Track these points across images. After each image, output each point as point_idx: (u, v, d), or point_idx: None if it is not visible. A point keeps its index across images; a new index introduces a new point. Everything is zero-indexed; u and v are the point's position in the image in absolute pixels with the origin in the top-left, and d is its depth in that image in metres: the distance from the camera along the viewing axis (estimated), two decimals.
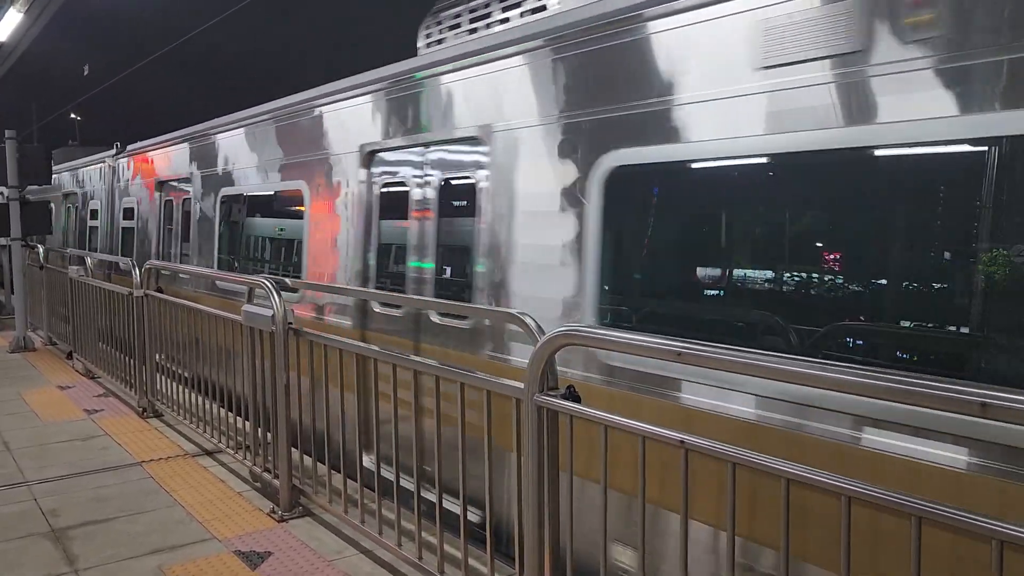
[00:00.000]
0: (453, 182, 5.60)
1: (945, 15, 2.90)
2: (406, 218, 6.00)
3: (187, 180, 10.43)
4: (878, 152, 3.13)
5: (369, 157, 6.44)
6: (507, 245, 4.90)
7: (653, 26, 3.98)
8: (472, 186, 5.30)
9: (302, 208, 7.35)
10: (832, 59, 3.22)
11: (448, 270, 5.72)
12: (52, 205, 18.44)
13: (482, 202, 5.17)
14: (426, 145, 5.82)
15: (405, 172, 6.08)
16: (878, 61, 3.09)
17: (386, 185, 6.28)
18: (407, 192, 6.02)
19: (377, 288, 6.32)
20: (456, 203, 5.62)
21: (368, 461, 4.95)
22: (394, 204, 6.18)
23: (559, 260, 4.48)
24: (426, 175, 5.83)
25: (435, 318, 5.52)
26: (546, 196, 4.59)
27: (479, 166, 5.24)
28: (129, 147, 13.51)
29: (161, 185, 11.52)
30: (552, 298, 4.52)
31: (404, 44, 6.89)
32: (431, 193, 5.79)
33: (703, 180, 3.88)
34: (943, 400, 2.03)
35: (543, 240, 4.60)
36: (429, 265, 5.78)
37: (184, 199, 10.67)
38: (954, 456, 2.81)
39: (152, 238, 11.84)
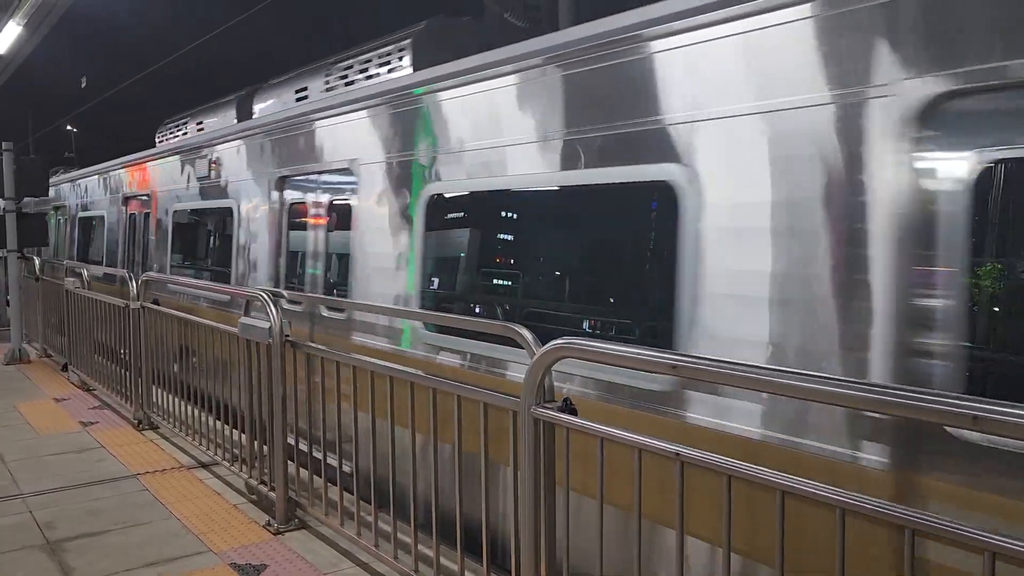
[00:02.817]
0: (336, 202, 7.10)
1: None
2: (305, 229, 7.47)
3: (148, 196, 11.90)
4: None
5: (280, 181, 7.83)
6: (364, 251, 6.41)
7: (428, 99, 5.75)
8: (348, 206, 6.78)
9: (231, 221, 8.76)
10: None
11: (334, 270, 7.26)
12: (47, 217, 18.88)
13: (352, 218, 6.58)
14: (318, 173, 7.22)
15: (305, 193, 7.57)
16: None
17: (292, 203, 7.76)
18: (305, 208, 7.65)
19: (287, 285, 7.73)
20: (337, 218, 7.16)
21: (364, 473, 4.94)
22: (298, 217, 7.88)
23: (396, 263, 6.00)
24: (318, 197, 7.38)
25: (325, 312, 6.80)
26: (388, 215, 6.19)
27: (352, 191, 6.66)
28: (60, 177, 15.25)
29: (127, 199, 12.99)
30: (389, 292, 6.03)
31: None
32: (323, 210, 7.28)
33: (474, 205, 5.48)
34: (935, 413, 2.05)
35: (385, 248, 6.11)
36: (318, 271, 7.22)
37: (145, 213, 12.07)
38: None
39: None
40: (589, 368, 4.15)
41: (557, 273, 4.94)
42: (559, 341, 3.16)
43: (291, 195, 7.69)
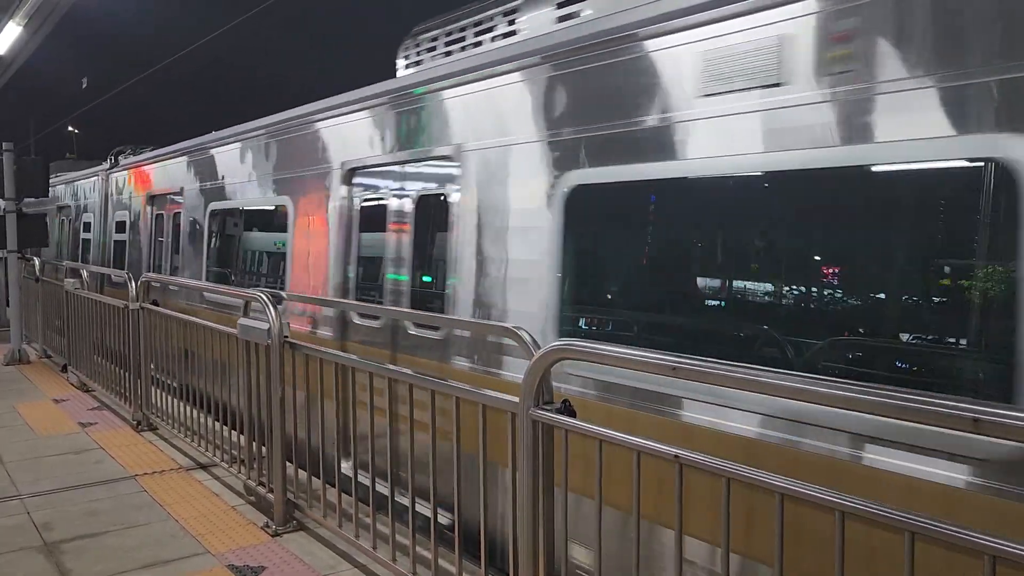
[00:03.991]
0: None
1: None
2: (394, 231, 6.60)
3: (179, 193, 10.67)
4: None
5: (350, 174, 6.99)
6: (487, 258, 5.99)
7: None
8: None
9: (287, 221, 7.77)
10: None
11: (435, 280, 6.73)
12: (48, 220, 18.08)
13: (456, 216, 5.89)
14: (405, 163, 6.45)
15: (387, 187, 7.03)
16: None
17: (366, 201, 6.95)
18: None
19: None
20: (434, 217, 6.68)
21: (362, 475, 4.94)
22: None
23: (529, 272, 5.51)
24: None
25: (413, 330, 6.44)
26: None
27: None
28: (123, 161, 13.47)
29: (153, 199, 11.81)
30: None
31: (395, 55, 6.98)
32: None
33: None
34: (937, 415, 2.04)
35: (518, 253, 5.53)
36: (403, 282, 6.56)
37: (175, 212, 10.90)
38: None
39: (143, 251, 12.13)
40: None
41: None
42: (557, 343, 3.15)
43: (365, 188, 6.67)
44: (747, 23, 3.61)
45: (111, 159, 14.18)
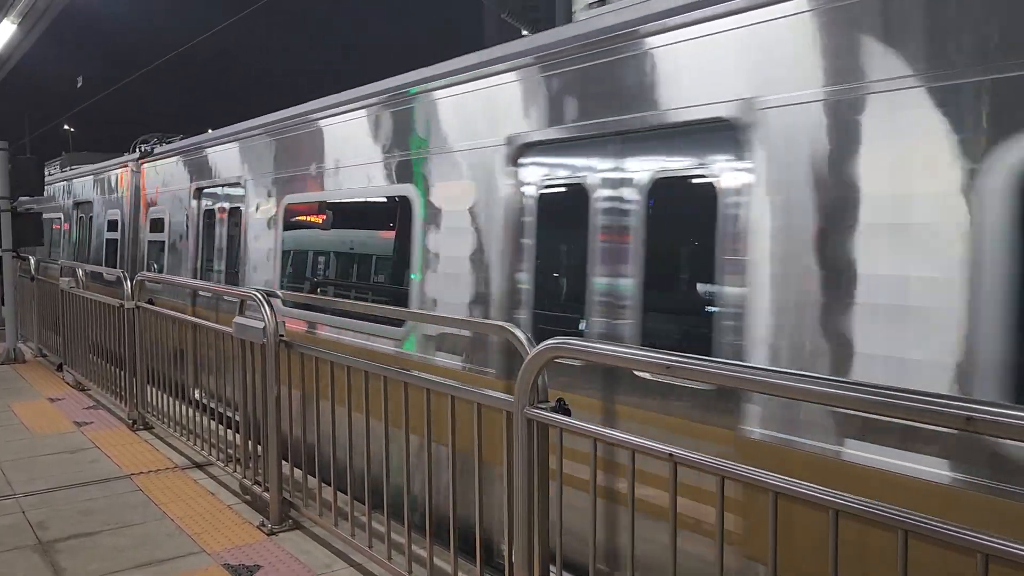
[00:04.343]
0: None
1: None
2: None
3: (238, 185, 8.77)
4: None
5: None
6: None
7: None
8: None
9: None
10: None
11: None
12: (62, 216, 16.63)
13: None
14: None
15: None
16: None
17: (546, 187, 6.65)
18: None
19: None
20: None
21: (358, 474, 4.93)
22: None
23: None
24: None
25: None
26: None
27: None
28: (158, 149, 11.80)
29: (199, 192, 9.92)
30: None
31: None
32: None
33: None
34: (928, 413, 2.04)
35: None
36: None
37: (234, 208, 9.06)
38: None
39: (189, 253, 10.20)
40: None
41: None
42: (551, 341, 3.14)
43: (548, 169, 4.92)
44: None
45: (139, 148, 12.68)
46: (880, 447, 3.13)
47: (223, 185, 9.23)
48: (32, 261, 12.10)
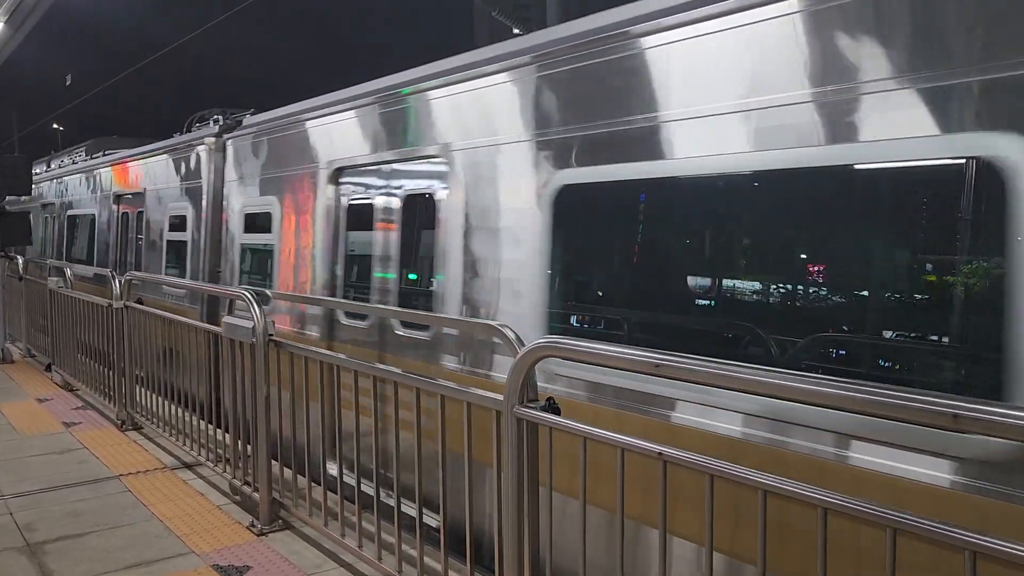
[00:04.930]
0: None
1: None
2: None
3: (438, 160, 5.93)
4: None
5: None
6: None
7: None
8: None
9: None
10: None
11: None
12: (96, 213, 13.52)
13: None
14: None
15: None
16: None
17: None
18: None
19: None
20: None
21: (348, 474, 4.93)
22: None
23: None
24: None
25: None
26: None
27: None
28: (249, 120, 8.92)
29: (339, 172, 7.05)
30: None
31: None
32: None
33: None
34: (916, 412, 2.04)
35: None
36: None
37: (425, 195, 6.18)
38: None
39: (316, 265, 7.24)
40: None
41: None
42: (541, 340, 3.14)
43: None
44: None
45: (195, 127, 10.44)
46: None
47: (396, 161, 6.33)
48: (20, 261, 12.03)
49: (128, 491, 5.83)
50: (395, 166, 6.46)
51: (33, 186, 17.84)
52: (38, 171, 20.21)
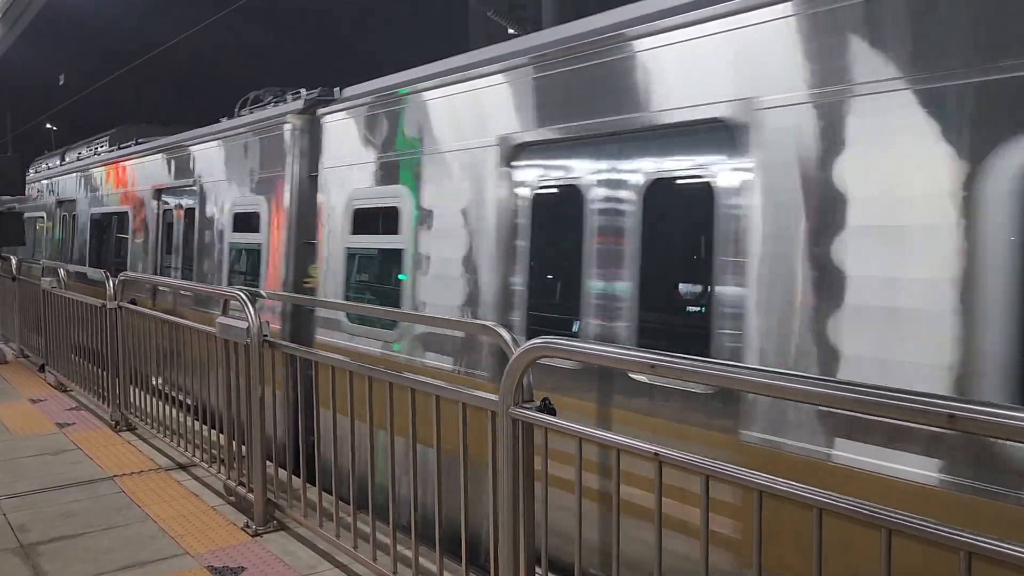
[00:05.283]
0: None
1: None
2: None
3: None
4: None
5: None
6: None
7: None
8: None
9: None
10: None
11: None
12: (128, 211, 11.60)
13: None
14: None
15: None
16: None
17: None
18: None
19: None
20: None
21: (343, 475, 4.92)
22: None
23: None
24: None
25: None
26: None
27: None
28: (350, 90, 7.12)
29: (519, 150, 5.23)
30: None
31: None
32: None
33: None
34: (912, 412, 2.04)
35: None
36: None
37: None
38: None
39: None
40: None
41: None
42: (536, 341, 3.13)
43: None
44: None
45: (245, 112, 8.96)
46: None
47: (634, 132, 4.50)
48: (13, 261, 11.99)
49: (122, 492, 5.81)
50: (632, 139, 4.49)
51: (45, 182, 17.28)
52: (49, 165, 18.85)
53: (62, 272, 9.57)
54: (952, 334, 3.10)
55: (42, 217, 17.48)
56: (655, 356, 2.75)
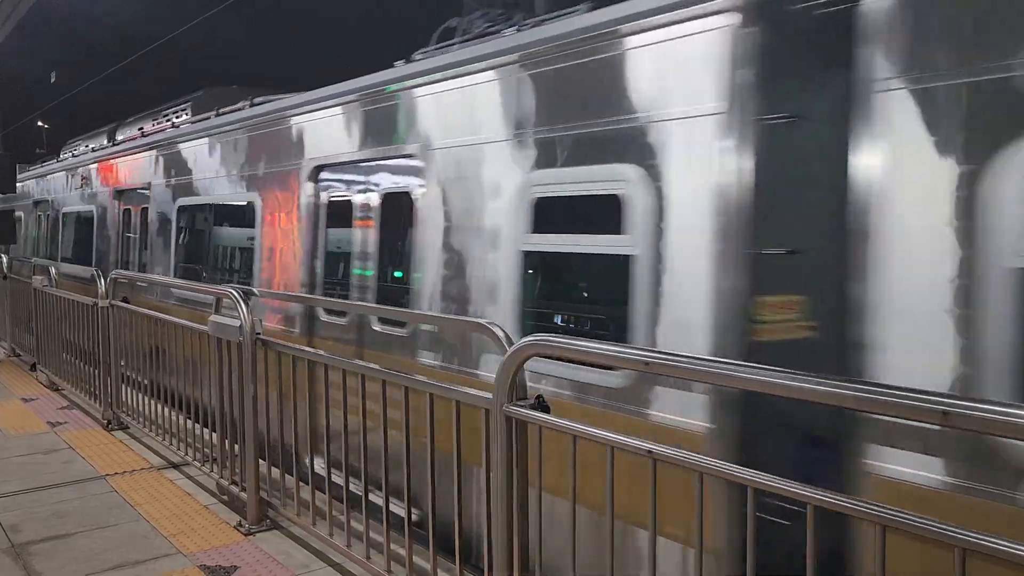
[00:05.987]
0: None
1: None
2: None
3: None
4: None
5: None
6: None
7: None
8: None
9: None
10: None
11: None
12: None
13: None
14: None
15: None
16: None
17: None
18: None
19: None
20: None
21: (336, 473, 4.90)
22: None
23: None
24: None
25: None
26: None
27: None
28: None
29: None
30: None
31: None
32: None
33: None
34: (906, 408, 2.04)
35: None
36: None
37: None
38: None
39: None
40: None
41: None
42: (529, 339, 3.13)
43: None
44: None
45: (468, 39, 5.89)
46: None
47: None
48: (4, 259, 11.93)
49: (114, 491, 5.79)
50: None
51: (96, 165, 12.63)
52: (91, 146, 14.31)
53: (53, 271, 9.45)
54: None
55: (90, 213, 12.74)
56: (648, 353, 2.75)
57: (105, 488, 5.86)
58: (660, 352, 2.75)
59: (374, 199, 6.47)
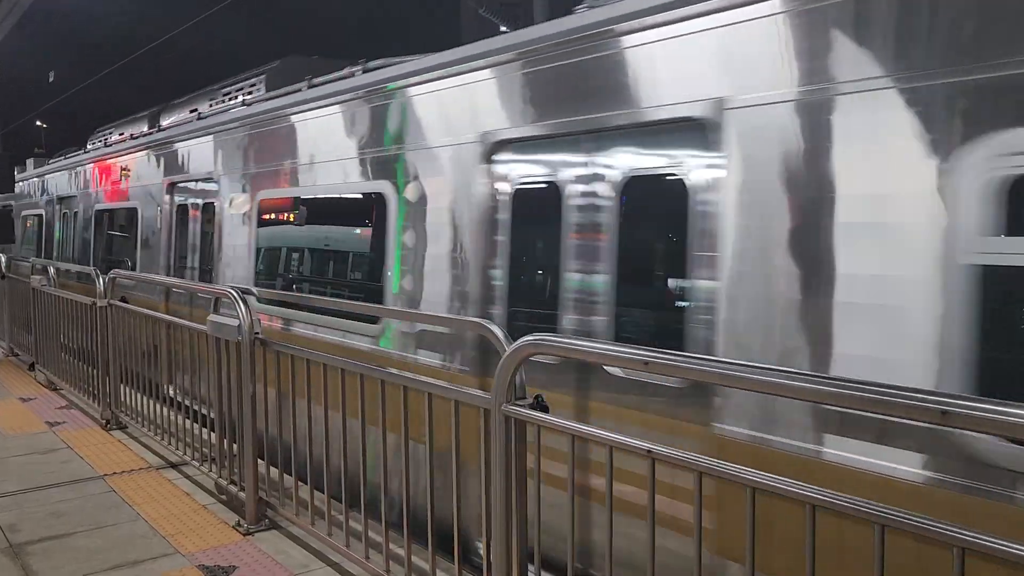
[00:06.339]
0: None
1: None
2: None
3: None
4: None
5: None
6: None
7: None
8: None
9: None
10: None
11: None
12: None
13: None
14: None
15: None
16: None
17: None
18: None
19: None
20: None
21: (335, 473, 4.90)
22: None
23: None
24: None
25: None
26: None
27: None
28: None
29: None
30: None
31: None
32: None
33: None
34: (905, 408, 2.04)
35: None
36: None
37: None
38: None
39: None
40: None
41: None
42: (528, 338, 3.12)
43: None
44: None
45: None
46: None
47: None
48: (3, 259, 11.92)
49: (113, 491, 5.78)
50: None
51: (142, 154, 10.76)
52: (130, 133, 12.48)
53: (52, 271, 9.44)
54: None
55: (134, 211, 10.93)
56: (648, 353, 2.75)
57: (103, 488, 5.85)
58: (660, 352, 2.74)
59: (604, 187, 4.39)
